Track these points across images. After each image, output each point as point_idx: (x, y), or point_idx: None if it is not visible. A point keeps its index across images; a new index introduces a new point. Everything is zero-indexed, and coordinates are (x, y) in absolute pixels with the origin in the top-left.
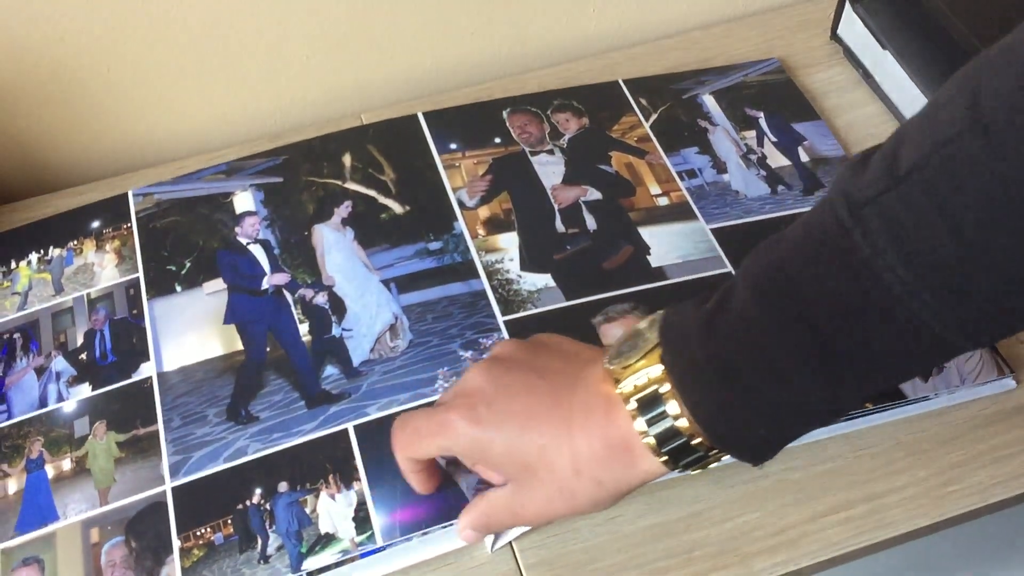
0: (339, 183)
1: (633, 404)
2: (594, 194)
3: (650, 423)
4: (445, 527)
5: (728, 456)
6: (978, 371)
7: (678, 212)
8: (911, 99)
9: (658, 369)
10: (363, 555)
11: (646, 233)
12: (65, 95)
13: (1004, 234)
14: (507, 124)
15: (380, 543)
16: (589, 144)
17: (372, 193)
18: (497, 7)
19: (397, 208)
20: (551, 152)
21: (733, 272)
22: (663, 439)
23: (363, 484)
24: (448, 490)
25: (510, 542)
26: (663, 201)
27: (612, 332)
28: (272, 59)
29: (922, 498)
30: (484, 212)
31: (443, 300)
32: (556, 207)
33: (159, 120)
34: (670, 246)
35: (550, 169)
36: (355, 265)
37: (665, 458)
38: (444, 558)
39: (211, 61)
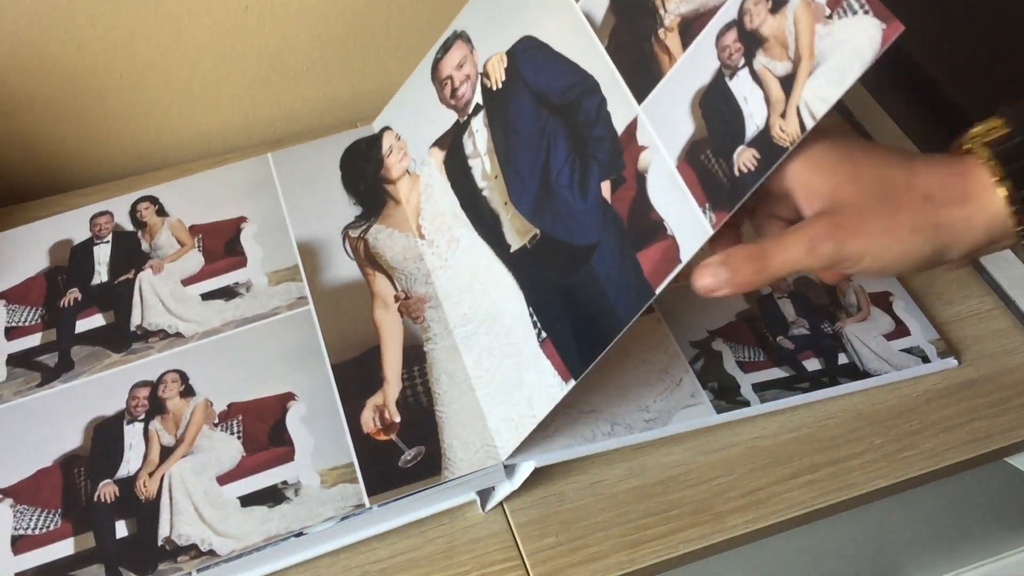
0: None
1: (982, 147)
2: None
3: (998, 153)
4: (432, 488)
5: None
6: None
7: None
8: (867, 111)
9: (1004, 126)
10: (356, 514)
11: None
12: (79, 99)
13: None
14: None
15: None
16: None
17: None
18: None
19: None
20: None
21: None
22: (1009, 163)
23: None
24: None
25: (501, 503)
26: None
27: None
28: (274, 69)
29: (880, 462)
30: None
31: None
32: None
33: (167, 125)
34: None
35: None
36: None
37: (1008, 184)
38: (438, 518)
39: (217, 70)
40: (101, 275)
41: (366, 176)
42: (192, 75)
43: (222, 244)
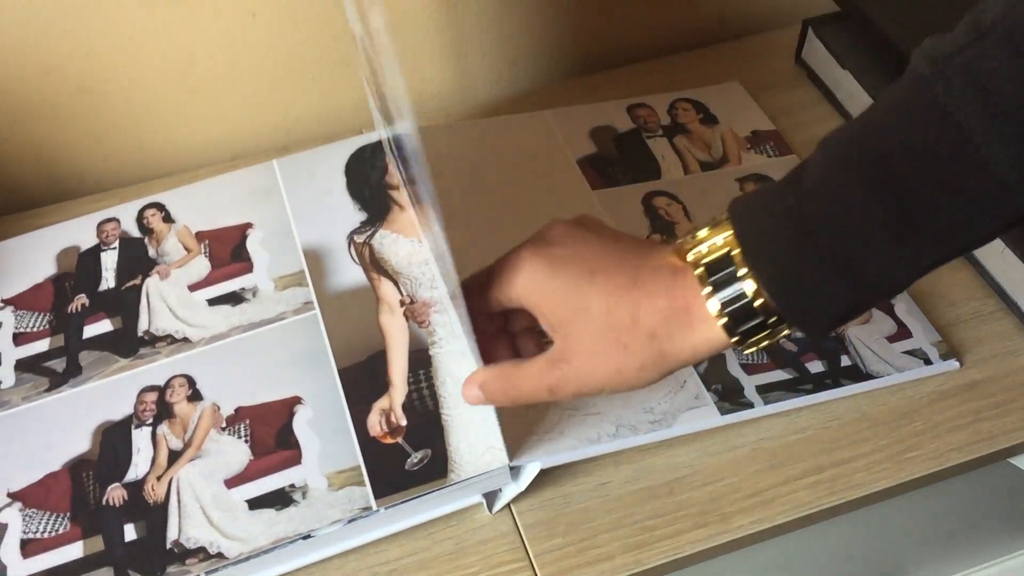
0: None
1: (700, 269)
2: None
3: (715, 284)
4: (439, 490)
5: (788, 333)
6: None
7: None
8: None
9: (727, 233)
10: (364, 517)
11: None
12: (87, 107)
13: None
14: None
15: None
16: None
17: None
18: (487, 32)
19: None
20: None
21: None
22: (727, 301)
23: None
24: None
25: (509, 505)
26: None
27: None
28: (280, 77)
29: (885, 463)
30: None
31: None
32: None
33: (174, 132)
34: None
35: None
36: None
37: (725, 320)
38: (446, 520)
39: (224, 78)
40: (108, 281)
41: (370, 181)
42: (199, 82)
43: (228, 250)
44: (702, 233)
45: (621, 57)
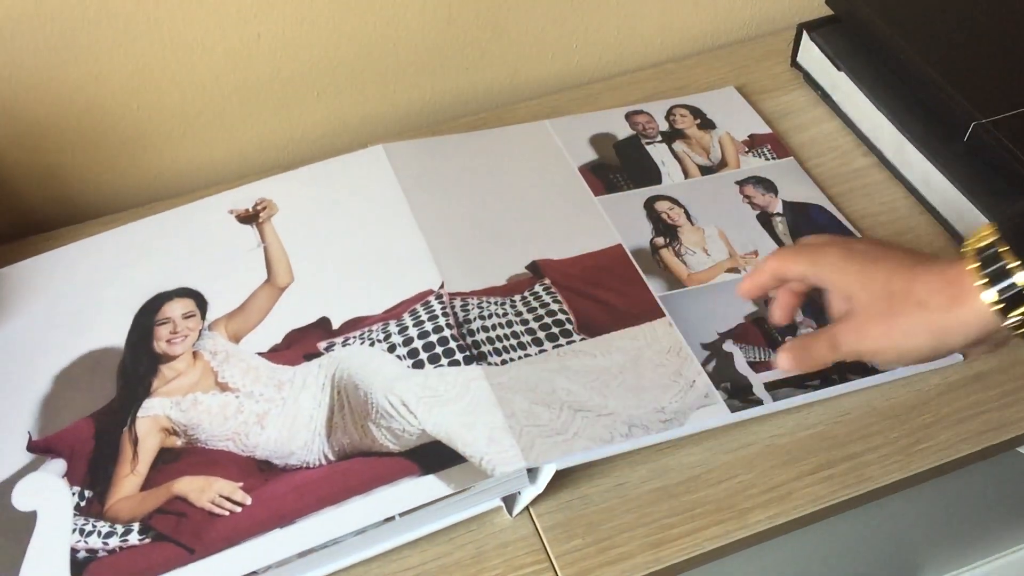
0: None
1: (975, 263)
2: None
3: (990, 276)
4: (457, 496)
5: None
6: None
7: None
8: (865, 114)
9: (993, 233)
10: (385, 524)
11: None
12: (97, 130)
13: None
14: None
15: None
16: None
17: None
18: (489, 45)
19: None
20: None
21: None
22: (1002, 289)
23: None
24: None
25: (528, 508)
26: None
27: None
28: (286, 96)
29: (896, 455)
30: None
31: None
32: None
33: (181, 154)
34: None
35: None
36: None
37: (995, 297)
38: (467, 524)
39: (230, 99)
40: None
41: None
42: (206, 104)
43: None
44: (973, 237)
45: (618, 65)
